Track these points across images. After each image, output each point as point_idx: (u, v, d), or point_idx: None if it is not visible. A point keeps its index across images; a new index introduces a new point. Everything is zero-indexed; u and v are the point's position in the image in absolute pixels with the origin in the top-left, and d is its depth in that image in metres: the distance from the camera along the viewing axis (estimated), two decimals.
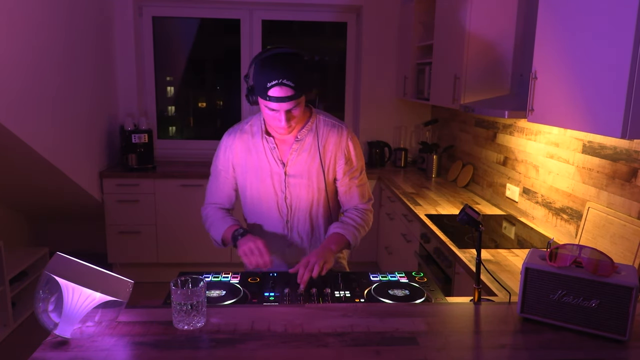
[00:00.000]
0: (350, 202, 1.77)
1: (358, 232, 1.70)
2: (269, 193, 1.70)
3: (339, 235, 1.67)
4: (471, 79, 2.78)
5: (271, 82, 1.46)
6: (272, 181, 1.69)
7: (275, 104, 1.49)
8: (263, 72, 1.49)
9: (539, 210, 2.50)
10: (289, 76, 1.46)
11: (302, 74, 1.51)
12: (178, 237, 3.82)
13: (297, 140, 1.66)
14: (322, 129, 1.68)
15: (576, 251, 1.24)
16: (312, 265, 1.52)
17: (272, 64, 1.48)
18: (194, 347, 1.14)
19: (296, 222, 1.74)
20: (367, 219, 1.76)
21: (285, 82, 1.46)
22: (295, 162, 1.68)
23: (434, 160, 3.81)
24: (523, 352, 1.16)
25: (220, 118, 4.66)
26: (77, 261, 1.14)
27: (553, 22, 1.83)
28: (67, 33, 3.15)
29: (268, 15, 4.21)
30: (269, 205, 1.72)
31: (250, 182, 1.72)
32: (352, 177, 1.73)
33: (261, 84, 1.49)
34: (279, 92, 1.47)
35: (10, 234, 3.66)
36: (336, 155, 1.69)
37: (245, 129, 1.72)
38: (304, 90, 1.53)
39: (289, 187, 1.69)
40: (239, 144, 1.71)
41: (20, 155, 2.84)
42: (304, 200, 1.71)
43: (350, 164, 1.72)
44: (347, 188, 1.74)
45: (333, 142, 1.68)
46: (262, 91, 1.49)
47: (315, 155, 1.67)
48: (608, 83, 1.53)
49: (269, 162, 1.68)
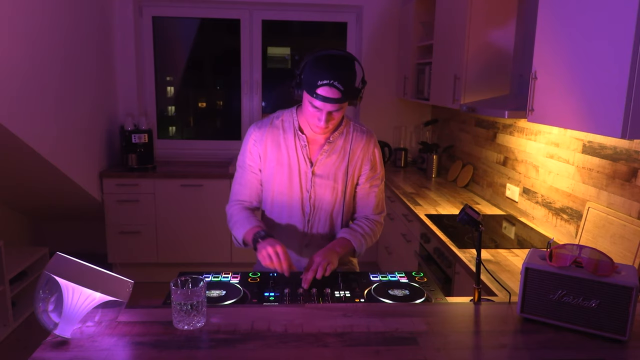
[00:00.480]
0: (364, 210, 1.78)
1: (365, 240, 1.72)
2: (295, 190, 1.71)
3: (346, 240, 1.68)
4: (471, 79, 2.78)
5: (322, 81, 1.48)
6: (299, 179, 1.70)
7: (321, 103, 1.51)
8: (316, 69, 1.50)
9: (539, 210, 2.50)
10: (340, 79, 1.48)
11: (353, 79, 1.53)
12: (178, 237, 3.82)
13: (329, 142, 1.68)
14: (353, 134, 1.71)
15: (576, 251, 1.24)
16: (316, 265, 1.52)
17: (328, 63, 1.50)
18: (194, 347, 1.14)
19: (317, 221, 1.74)
20: (376, 230, 1.78)
21: (336, 85, 1.48)
22: (324, 163, 1.69)
23: (434, 160, 3.81)
24: (523, 352, 1.16)
25: (220, 118, 4.66)
26: (77, 261, 1.14)
27: (553, 22, 1.83)
28: (67, 33, 3.15)
29: (268, 15, 4.21)
30: (292, 202, 1.72)
31: (276, 178, 1.71)
32: (373, 184, 1.76)
33: (312, 81, 1.50)
34: (328, 92, 1.49)
35: (10, 234, 3.66)
36: (363, 160, 1.72)
37: (275, 124, 1.71)
38: (351, 95, 1.55)
39: (315, 186, 1.70)
40: (268, 137, 1.69)
41: (21, 156, 2.84)
42: (326, 202, 1.72)
43: (375, 170, 1.75)
44: (366, 194, 1.76)
45: (361, 148, 1.71)
46: (311, 88, 1.50)
47: (343, 159, 1.70)
48: (608, 83, 1.53)
49: (298, 159, 1.68)
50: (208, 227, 3.79)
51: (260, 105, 4.32)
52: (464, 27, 2.75)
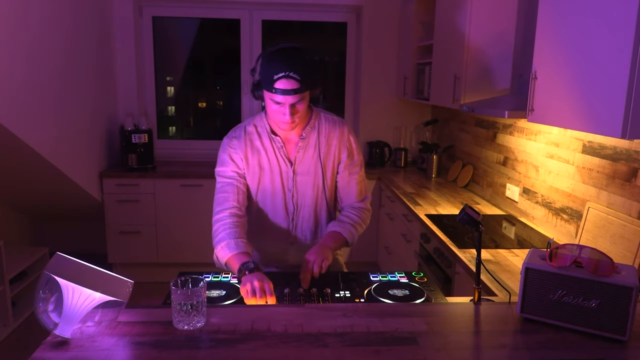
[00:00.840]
0: (348, 199, 1.78)
1: (355, 229, 1.72)
2: (277, 192, 1.71)
3: (336, 232, 1.68)
4: (471, 79, 2.78)
5: (278, 75, 1.48)
6: (280, 180, 1.70)
7: (281, 96, 1.51)
8: (270, 64, 1.51)
9: (539, 210, 2.50)
10: (295, 69, 1.49)
11: (308, 69, 1.53)
12: (178, 237, 3.82)
13: (302, 138, 1.68)
14: (324, 125, 1.71)
15: (576, 251, 1.24)
16: (311, 264, 1.53)
17: (280, 57, 1.51)
18: (194, 347, 1.14)
19: (301, 219, 1.75)
20: (364, 217, 1.77)
21: (292, 75, 1.48)
22: (302, 159, 1.69)
23: (434, 160, 3.81)
24: (523, 352, 1.16)
25: (220, 118, 4.66)
26: (77, 261, 1.14)
27: (553, 22, 1.83)
28: (68, 33, 3.15)
29: (268, 15, 4.21)
30: (275, 204, 1.73)
31: (258, 183, 1.71)
32: (352, 172, 1.75)
33: (268, 77, 1.51)
34: (286, 84, 1.49)
35: (10, 234, 3.66)
36: (339, 149, 1.72)
37: (249, 130, 1.71)
38: (309, 85, 1.55)
39: (296, 185, 1.71)
40: (246, 144, 1.69)
41: (21, 156, 2.84)
42: (309, 197, 1.73)
43: (352, 157, 1.74)
44: (346, 183, 1.75)
45: (336, 137, 1.71)
46: (269, 83, 1.51)
47: (320, 152, 1.70)
48: (608, 83, 1.53)
49: (278, 161, 1.69)
50: (208, 227, 3.74)
51: (260, 105, 4.30)
52: (464, 27, 2.75)
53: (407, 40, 3.89)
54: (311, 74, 1.54)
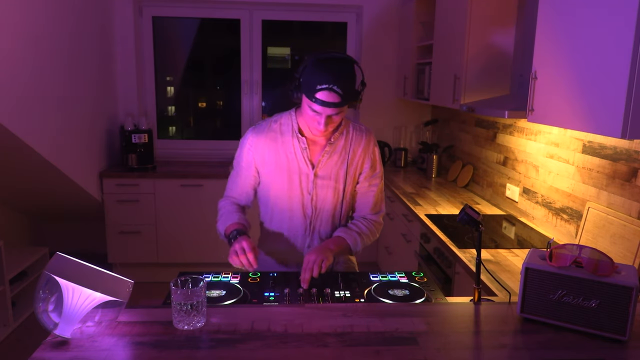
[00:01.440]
0: (363, 209, 1.77)
1: (361, 238, 1.71)
2: (295, 193, 1.69)
3: (340, 238, 1.68)
4: (471, 79, 2.78)
5: (322, 85, 1.46)
6: (300, 181, 1.68)
7: (321, 107, 1.49)
8: (316, 72, 1.48)
9: (539, 210, 2.50)
10: (339, 83, 1.46)
11: (352, 83, 1.51)
12: (178, 237, 3.82)
13: (330, 143, 1.67)
14: (353, 133, 1.70)
15: (576, 251, 1.24)
16: (311, 264, 1.52)
17: (328, 67, 1.48)
18: (194, 347, 1.14)
19: (319, 223, 1.74)
20: (374, 229, 1.77)
21: (335, 89, 1.46)
22: (326, 164, 1.68)
23: (434, 160, 3.81)
24: (523, 352, 1.16)
25: (220, 118, 4.66)
26: (77, 261, 1.14)
27: (553, 22, 1.83)
28: (68, 33, 3.15)
29: (268, 15, 4.21)
30: (293, 205, 1.71)
31: (276, 182, 1.70)
32: (372, 183, 1.75)
33: (311, 84, 1.48)
34: (327, 96, 1.47)
35: (10, 234, 3.66)
36: (364, 159, 1.72)
37: (273, 128, 1.69)
38: (350, 99, 1.53)
39: (317, 188, 1.69)
40: (265, 142, 1.68)
41: (21, 156, 2.84)
42: (329, 203, 1.71)
43: (374, 168, 1.74)
44: (364, 192, 1.75)
45: (362, 146, 1.71)
46: (310, 91, 1.49)
47: (345, 159, 1.69)
48: (608, 83, 1.53)
49: (299, 162, 1.67)
50: (208, 227, 3.77)
51: (260, 105, 4.32)
52: (464, 27, 2.75)
53: (407, 40, 3.89)
54: (353, 87, 1.53)
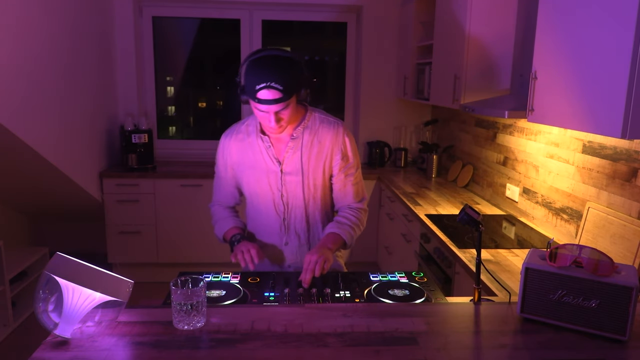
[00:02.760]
0: (344, 201, 1.77)
1: (354, 231, 1.72)
2: (266, 191, 1.72)
3: (335, 234, 1.68)
4: (471, 79, 2.78)
5: (260, 85, 1.47)
6: (268, 179, 1.70)
7: (264, 106, 1.51)
8: (252, 74, 1.50)
9: (539, 210, 2.50)
10: (277, 79, 1.47)
11: (291, 76, 1.50)
12: (178, 237, 3.82)
13: (292, 138, 1.67)
14: (318, 126, 1.70)
15: (576, 251, 1.24)
16: (313, 264, 1.53)
17: (261, 66, 1.49)
18: (194, 347, 1.14)
19: (293, 219, 1.75)
20: (361, 218, 1.77)
21: (274, 85, 1.47)
22: (292, 159, 1.68)
23: (434, 160, 3.81)
24: (523, 352, 1.16)
25: (220, 118, 4.66)
26: (77, 261, 1.14)
27: (553, 22, 1.83)
28: (68, 34, 3.15)
29: (268, 15, 4.21)
30: (266, 203, 1.74)
31: (247, 181, 1.74)
32: (348, 173, 1.74)
33: (250, 86, 1.50)
34: (267, 94, 1.48)
35: (10, 234, 3.66)
36: (332, 151, 1.70)
37: (241, 130, 1.75)
38: (293, 92, 1.53)
39: (285, 184, 1.70)
40: (234, 144, 1.74)
41: (21, 156, 2.84)
42: (300, 198, 1.72)
43: (346, 159, 1.72)
44: (342, 185, 1.75)
45: (329, 139, 1.69)
46: (252, 93, 1.51)
47: (311, 153, 1.68)
48: (608, 83, 1.53)
49: (265, 160, 1.69)
50: (208, 227, 3.73)
51: None
52: (464, 27, 2.75)
53: (407, 40, 3.89)
54: (294, 80, 1.52)
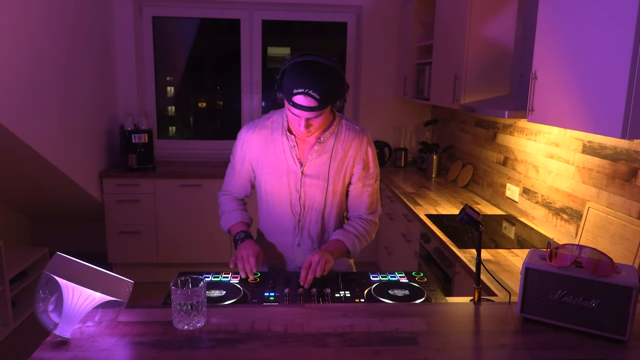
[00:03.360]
0: (357, 210, 1.77)
1: (359, 240, 1.70)
2: (284, 190, 1.70)
3: (339, 241, 1.67)
4: (471, 79, 2.78)
5: (297, 90, 1.46)
6: (288, 179, 1.69)
7: (298, 110, 1.50)
8: (293, 76, 1.48)
9: (539, 210, 2.50)
10: (315, 87, 1.45)
11: (330, 86, 1.49)
12: (178, 237, 3.82)
13: (319, 142, 1.66)
14: (345, 133, 1.69)
15: (576, 251, 1.24)
16: (315, 265, 1.52)
17: (302, 71, 1.47)
18: (194, 347, 1.14)
19: (308, 222, 1.74)
20: (370, 230, 1.76)
21: (311, 93, 1.46)
22: (314, 163, 1.67)
23: (434, 160, 3.81)
24: (523, 352, 1.16)
25: (220, 118, 4.66)
26: (77, 261, 1.14)
27: (553, 22, 1.83)
28: (68, 34, 3.15)
29: (268, 15, 4.21)
30: (282, 202, 1.72)
31: (265, 178, 1.72)
32: (366, 184, 1.74)
33: (288, 88, 1.49)
34: (303, 100, 1.47)
35: (10, 234, 3.66)
36: (355, 159, 1.70)
37: (265, 125, 1.71)
38: (329, 103, 1.52)
39: (304, 186, 1.69)
40: (256, 139, 1.70)
41: (21, 156, 2.84)
42: (317, 202, 1.71)
43: (367, 169, 1.72)
44: (358, 193, 1.74)
45: (354, 147, 1.69)
46: (288, 95, 1.49)
47: (335, 159, 1.67)
48: (608, 83, 1.53)
49: (287, 159, 1.68)
50: (208, 227, 3.79)
51: (260, 105, 4.32)
52: (464, 27, 2.75)
53: (407, 40, 3.89)
54: (332, 90, 1.50)
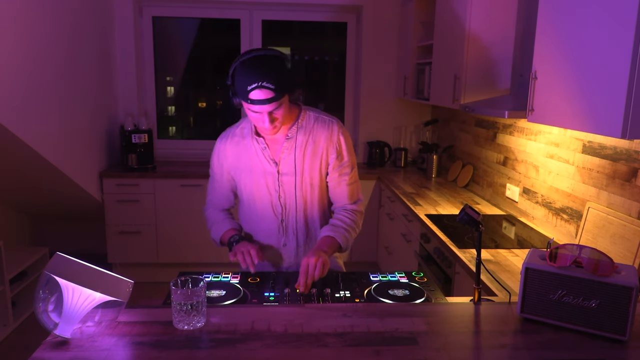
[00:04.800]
0: (339, 201, 1.76)
1: (349, 234, 1.69)
2: (263, 193, 1.71)
3: (330, 238, 1.66)
4: (471, 79, 2.78)
5: (251, 85, 1.47)
6: (266, 181, 1.70)
7: (257, 106, 1.50)
8: (242, 75, 1.50)
9: (539, 210, 2.50)
10: (268, 78, 1.47)
11: (282, 75, 1.50)
12: (178, 237, 3.82)
13: (287, 138, 1.66)
14: (313, 125, 1.68)
15: (576, 251, 1.24)
16: (312, 269, 1.51)
17: (251, 67, 1.49)
18: (194, 347, 1.14)
19: (291, 220, 1.74)
20: (357, 220, 1.74)
21: (265, 85, 1.47)
22: (288, 160, 1.68)
23: (434, 160, 3.81)
24: (523, 352, 1.16)
25: (220, 118, 4.66)
26: (77, 261, 1.14)
27: (553, 22, 1.83)
28: (68, 34, 3.15)
29: (268, 15, 4.21)
30: (264, 205, 1.73)
31: (244, 184, 1.73)
32: (342, 173, 1.71)
33: (242, 88, 1.50)
34: (259, 94, 1.48)
35: (10, 234, 3.66)
36: (327, 150, 1.69)
37: (235, 133, 1.74)
38: (285, 91, 1.52)
39: (283, 185, 1.70)
40: (229, 148, 1.73)
41: (21, 156, 2.84)
42: (298, 198, 1.71)
43: (341, 158, 1.70)
44: (336, 184, 1.73)
45: (324, 137, 1.68)
46: (244, 94, 1.51)
47: (306, 152, 1.67)
48: (608, 83, 1.53)
49: (261, 162, 1.69)
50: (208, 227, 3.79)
51: None
52: (464, 27, 2.75)
53: (407, 40, 3.89)
54: (286, 79, 1.51)
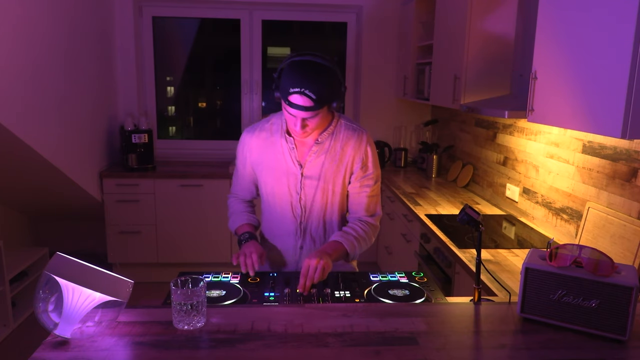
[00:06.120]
0: (356, 211, 1.75)
1: (358, 242, 1.68)
2: (284, 193, 1.70)
3: (337, 243, 1.65)
4: (471, 79, 2.78)
5: (293, 89, 1.46)
6: (288, 181, 1.69)
7: (294, 110, 1.50)
8: (289, 75, 1.48)
9: (539, 210, 2.50)
10: (311, 87, 1.45)
11: (327, 87, 1.49)
12: (178, 237, 3.82)
13: (317, 142, 1.65)
14: (343, 133, 1.68)
15: (576, 251, 1.24)
16: (312, 272, 1.50)
17: (299, 70, 1.47)
18: (194, 347, 1.14)
19: (310, 224, 1.73)
20: (369, 232, 1.73)
21: (307, 93, 1.45)
22: (313, 164, 1.67)
23: (434, 160, 3.81)
24: (523, 352, 1.16)
25: (220, 118, 4.66)
26: (77, 261, 1.14)
27: (553, 22, 1.83)
28: (68, 34, 3.15)
29: (268, 15, 4.21)
30: (283, 205, 1.72)
31: (265, 180, 1.72)
32: (364, 184, 1.71)
33: (285, 87, 1.49)
34: (299, 100, 1.47)
35: (10, 234, 3.66)
36: (354, 158, 1.68)
37: (264, 127, 1.72)
38: (325, 103, 1.51)
39: (305, 188, 1.69)
40: (256, 142, 1.71)
41: (21, 156, 2.84)
42: (318, 203, 1.71)
43: (366, 169, 1.70)
44: (356, 194, 1.72)
45: (352, 146, 1.67)
46: (285, 93, 1.49)
47: (334, 159, 1.67)
48: (608, 83, 1.53)
49: (286, 161, 1.68)
50: (208, 227, 3.79)
51: (260, 105, 4.32)
52: (464, 27, 2.75)
53: (407, 40, 3.89)
54: (329, 91, 1.50)
